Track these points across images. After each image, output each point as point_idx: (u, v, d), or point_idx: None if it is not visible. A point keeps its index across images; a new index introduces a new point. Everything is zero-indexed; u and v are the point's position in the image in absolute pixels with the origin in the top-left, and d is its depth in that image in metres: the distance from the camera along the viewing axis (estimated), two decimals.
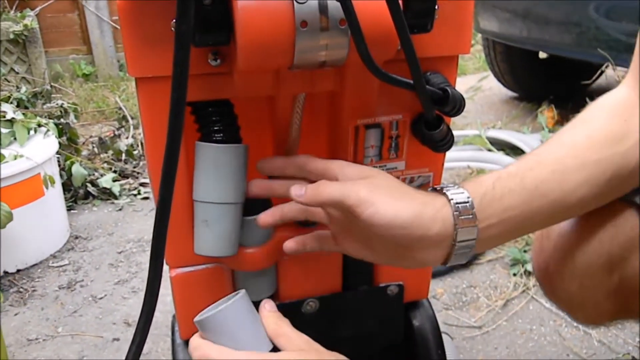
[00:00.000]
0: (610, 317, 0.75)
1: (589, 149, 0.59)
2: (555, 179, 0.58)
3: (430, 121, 0.60)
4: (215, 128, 0.60)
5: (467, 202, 0.55)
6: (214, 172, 0.60)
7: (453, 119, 0.63)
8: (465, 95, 0.61)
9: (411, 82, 0.54)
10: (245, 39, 0.49)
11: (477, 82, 3.22)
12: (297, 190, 0.57)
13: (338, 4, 0.48)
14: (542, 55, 3.12)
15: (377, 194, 0.54)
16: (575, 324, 1.36)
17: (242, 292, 0.59)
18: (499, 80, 3.15)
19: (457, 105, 0.57)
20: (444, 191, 0.57)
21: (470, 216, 0.55)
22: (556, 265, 0.70)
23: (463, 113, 0.61)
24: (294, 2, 0.48)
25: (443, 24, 0.58)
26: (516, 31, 2.47)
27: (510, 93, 3.30)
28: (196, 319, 0.58)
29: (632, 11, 1.89)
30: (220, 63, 0.56)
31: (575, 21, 2.12)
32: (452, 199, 0.55)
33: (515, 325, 1.38)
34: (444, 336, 1.01)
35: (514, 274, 1.56)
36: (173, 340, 0.79)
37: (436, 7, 0.55)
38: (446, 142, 0.61)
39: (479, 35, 3.06)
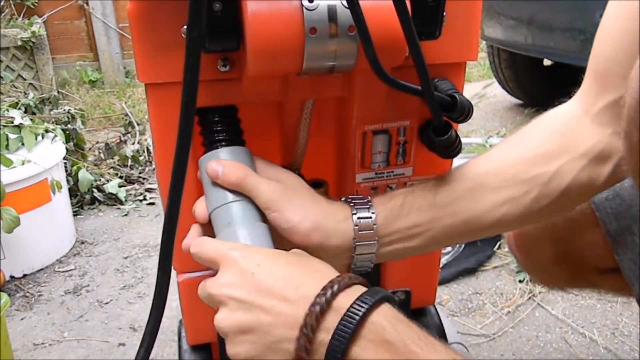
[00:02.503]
0: (565, 283, 0.83)
1: (514, 168, 0.58)
2: (471, 197, 0.57)
3: (438, 127, 0.60)
4: (218, 137, 0.59)
5: (370, 217, 0.56)
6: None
7: (458, 126, 0.64)
8: None
9: (419, 88, 0.55)
10: (255, 45, 0.49)
11: (481, 89, 3.22)
12: (215, 164, 0.56)
13: (347, 10, 0.48)
14: (547, 62, 3.12)
15: (285, 199, 0.55)
16: (581, 331, 1.35)
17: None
18: (504, 88, 3.15)
19: (465, 111, 0.58)
20: (351, 203, 0.58)
21: (371, 231, 0.56)
22: (517, 238, 0.81)
23: (468, 121, 0.61)
24: (304, 8, 0.49)
25: (451, 31, 0.59)
26: (521, 38, 2.48)
27: (514, 100, 3.30)
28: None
29: None
30: (229, 69, 0.56)
31: (579, 28, 2.12)
32: (355, 213, 0.56)
33: (522, 332, 1.37)
34: (459, 346, 1.01)
35: (520, 281, 1.55)
36: (180, 346, 0.79)
37: (444, 14, 0.55)
38: (454, 148, 0.61)
39: (484, 42, 3.06)
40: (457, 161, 0.74)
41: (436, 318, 0.82)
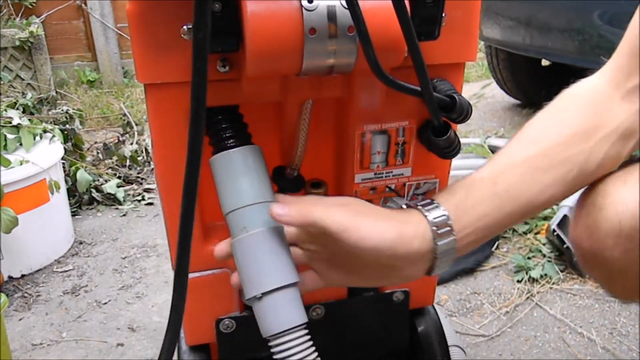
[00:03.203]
0: None
1: (557, 147, 0.60)
2: (525, 182, 0.59)
3: (437, 128, 0.60)
4: (228, 135, 0.60)
5: (444, 215, 0.57)
6: (237, 176, 0.59)
7: (457, 126, 0.64)
8: None
9: (418, 88, 0.55)
10: (255, 46, 0.49)
11: (480, 90, 3.22)
12: (279, 209, 0.55)
13: (347, 11, 0.48)
14: (545, 62, 3.12)
15: (360, 219, 0.55)
16: (579, 331, 1.35)
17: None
18: (502, 88, 3.16)
19: (464, 112, 0.58)
20: (418, 207, 0.58)
21: (449, 229, 0.57)
22: (602, 229, 0.64)
23: (466, 121, 0.61)
24: (303, 9, 0.49)
25: (450, 32, 0.59)
26: (519, 38, 2.48)
27: (513, 100, 3.31)
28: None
29: None
30: (228, 70, 0.56)
31: (578, 28, 2.12)
32: (426, 215, 0.57)
33: (520, 332, 1.37)
34: (456, 349, 1.01)
35: (518, 281, 1.55)
36: (179, 347, 0.79)
37: (443, 14, 0.55)
38: (453, 148, 0.61)
39: (482, 42, 3.07)
40: (455, 162, 0.73)
41: (435, 318, 0.83)
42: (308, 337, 0.59)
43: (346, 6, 0.48)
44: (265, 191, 0.60)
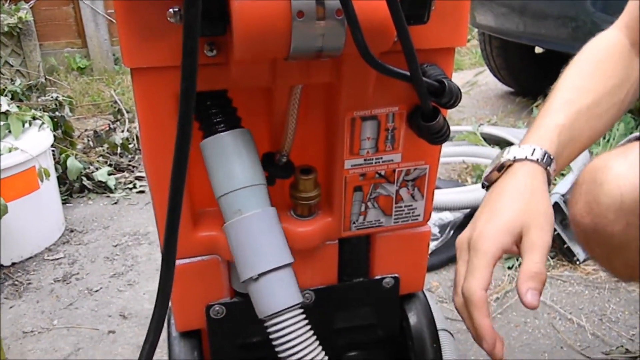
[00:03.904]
0: None
1: (605, 97, 0.72)
2: (588, 127, 0.72)
3: (426, 113, 0.60)
4: (218, 119, 0.60)
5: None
6: (229, 159, 0.59)
7: (449, 114, 0.65)
8: (461, 90, 0.61)
9: (408, 73, 0.54)
10: (241, 29, 0.49)
11: (473, 77, 3.22)
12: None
13: None
14: (538, 50, 3.12)
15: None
16: (569, 317, 1.37)
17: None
18: (495, 75, 3.16)
19: (453, 96, 0.57)
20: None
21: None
22: (603, 204, 0.64)
23: (459, 108, 0.62)
24: None
25: (439, 16, 0.58)
26: (512, 26, 2.47)
27: (506, 88, 3.31)
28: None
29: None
30: (216, 54, 0.56)
31: (571, 15, 2.12)
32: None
33: (510, 318, 1.38)
34: (444, 333, 1.01)
35: (509, 267, 1.56)
36: (169, 333, 0.79)
37: None
38: (442, 134, 0.61)
39: (476, 30, 3.06)
40: (449, 149, 0.73)
41: (425, 303, 0.83)
42: (304, 316, 0.59)
43: None
44: (258, 173, 0.60)
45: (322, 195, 0.70)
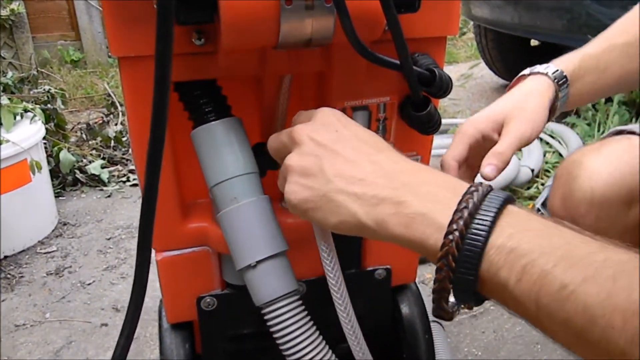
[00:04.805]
0: None
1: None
2: (618, 63, 0.73)
3: (417, 102, 0.60)
4: (209, 108, 0.59)
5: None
6: (223, 147, 0.59)
7: (445, 107, 0.65)
8: (456, 83, 0.62)
9: (398, 62, 0.54)
10: (229, 17, 0.48)
11: (468, 70, 3.21)
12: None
13: None
14: (534, 43, 3.12)
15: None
16: None
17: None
18: (490, 68, 3.15)
19: (444, 86, 0.57)
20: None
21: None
22: (576, 197, 0.71)
23: (454, 101, 0.62)
24: None
25: (431, 5, 0.58)
26: (507, 18, 2.47)
27: (501, 81, 3.30)
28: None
29: None
30: (204, 42, 0.55)
31: (566, 7, 2.12)
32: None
33: (503, 309, 1.39)
34: (435, 325, 1.01)
35: None
36: (160, 325, 0.78)
37: None
38: (433, 124, 0.61)
39: (471, 23, 3.05)
40: (440, 140, 0.73)
41: (417, 295, 0.83)
42: (301, 302, 0.59)
43: None
44: (252, 162, 0.60)
45: None
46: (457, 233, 0.38)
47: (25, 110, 1.80)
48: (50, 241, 1.78)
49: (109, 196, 2.08)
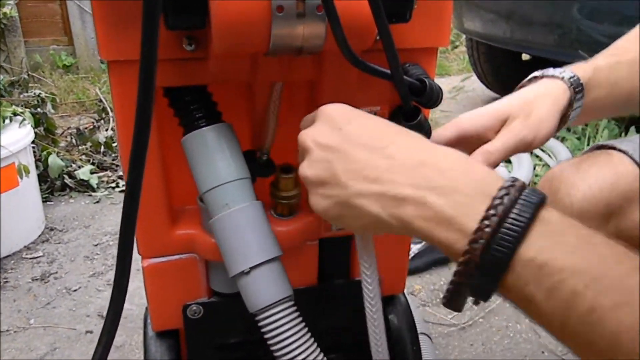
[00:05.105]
0: None
1: None
2: (629, 78, 0.68)
3: (407, 112, 0.60)
4: (200, 114, 0.59)
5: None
6: (214, 153, 0.58)
7: (437, 120, 0.65)
8: (448, 95, 0.62)
9: (388, 71, 0.54)
10: (220, 23, 0.48)
11: (459, 82, 3.23)
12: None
13: None
14: (525, 57, 3.14)
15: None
16: None
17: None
18: (482, 81, 3.17)
19: (434, 96, 0.57)
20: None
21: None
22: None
23: (446, 112, 0.62)
24: None
25: (422, 16, 0.58)
26: (499, 32, 2.49)
27: (493, 94, 3.33)
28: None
29: (613, 13, 1.91)
30: (195, 48, 0.55)
31: (557, 22, 2.14)
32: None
33: (492, 322, 1.38)
34: (423, 337, 1.01)
35: None
36: (145, 333, 0.77)
37: None
38: (424, 133, 0.61)
39: (464, 36, 3.07)
40: None
41: (405, 306, 0.82)
42: (295, 308, 0.59)
43: None
44: (244, 167, 0.60)
45: (302, 194, 0.69)
46: (482, 242, 0.36)
47: (15, 114, 1.78)
48: (37, 246, 1.75)
49: (97, 202, 2.06)
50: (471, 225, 0.37)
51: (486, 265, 0.36)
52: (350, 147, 0.45)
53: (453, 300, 0.41)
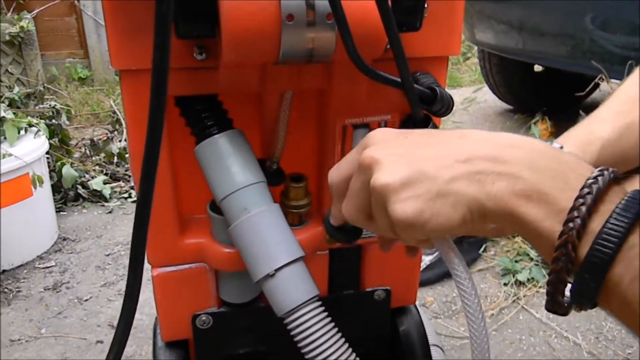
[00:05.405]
0: None
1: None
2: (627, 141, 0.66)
3: (417, 121, 0.59)
4: (211, 122, 0.59)
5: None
6: (228, 159, 0.58)
7: (441, 121, 0.63)
8: (460, 107, 0.61)
9: (399, 80, 0.54)
10: (230, 31, 0.48)
11: (471, 94, 3.22)
12: None
13: None
14: (538, 68, 3.13)
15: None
16: (565, 335, 1.35)
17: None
18: (494, 92, 3.16)
19: (445, 104, 0.57)
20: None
21: None
22: None
23: (458, 124, 0.61)
24: None
25: (433, 24, 0.58)
26: (511, 43, 2.48)
27: (504, 105, 3.31)
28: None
29: (626, 24, 1.90)
30: (205, 57, 0.55)
31: (569, 33, 2.13)
32: None
33: (505, 335, 1.36)
34: (436, 349, 1.00)
35: (505, 284, 1.55)
36: (155, 343, 0.77)
37: (425, 5, 0.54)
38: None
39: (475, 48, 3.07)
40: None
41: (417, 318, 0.81)
42: (323, 307, 0.58)
43: None
44: (259, 171, 0.60)
45: (312, 203, 0.68)
46: (578, 220, 0.35)
47: (30, 125, 1.80)
48: (49, 256, 1.77)
49: (110, 212, 2.07)
50: (564, 204, 0.36)
51: (591, 252, 0.34)
52: (425, 143, 0.43)
53: (555, 300, 0.38)
